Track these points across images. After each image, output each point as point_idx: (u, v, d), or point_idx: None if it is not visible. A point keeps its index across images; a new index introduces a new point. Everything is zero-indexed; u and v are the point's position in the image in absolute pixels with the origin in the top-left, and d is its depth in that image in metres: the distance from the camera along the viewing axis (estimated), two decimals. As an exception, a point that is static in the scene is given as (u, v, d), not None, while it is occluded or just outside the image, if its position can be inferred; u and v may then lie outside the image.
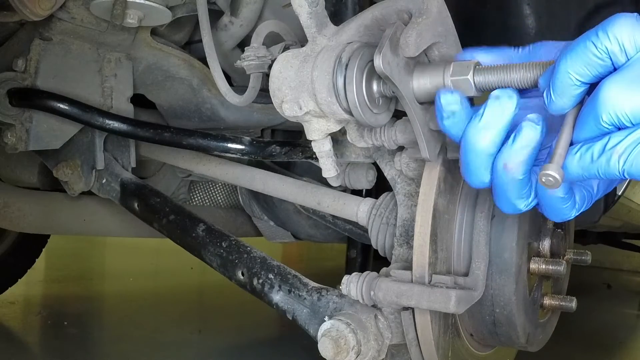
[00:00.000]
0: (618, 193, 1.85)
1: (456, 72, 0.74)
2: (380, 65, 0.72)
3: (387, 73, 0.73)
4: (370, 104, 0.78)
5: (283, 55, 0.82)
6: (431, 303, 0.88)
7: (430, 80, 0.75)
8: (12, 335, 2.41)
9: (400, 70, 0.75)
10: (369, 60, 0.78)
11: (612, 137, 0.62)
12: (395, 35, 0.75)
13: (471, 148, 0.69)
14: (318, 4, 0.80)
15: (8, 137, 1.36)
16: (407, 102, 0.76)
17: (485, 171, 0.70)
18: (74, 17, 1.28)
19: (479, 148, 0.69)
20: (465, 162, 0.71)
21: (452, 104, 0.70)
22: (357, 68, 0.77)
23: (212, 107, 1.47)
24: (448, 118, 0.71)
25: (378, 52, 0.72)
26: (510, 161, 0.68)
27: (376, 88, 0.79)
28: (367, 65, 0.78)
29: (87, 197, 1.64)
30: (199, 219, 1.30)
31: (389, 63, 0.73)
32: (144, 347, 2.21)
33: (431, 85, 0.75)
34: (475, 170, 0.70)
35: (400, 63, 0.75)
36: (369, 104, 0.78)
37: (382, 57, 0.72)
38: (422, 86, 0.76)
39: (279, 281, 1.13)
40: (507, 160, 0.68)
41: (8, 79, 1.32)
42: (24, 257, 2.48)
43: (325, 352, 0.95)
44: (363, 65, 0.78)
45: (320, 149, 0.84)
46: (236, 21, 1.34)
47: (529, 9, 1.60)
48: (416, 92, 0.77)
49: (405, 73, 0.76)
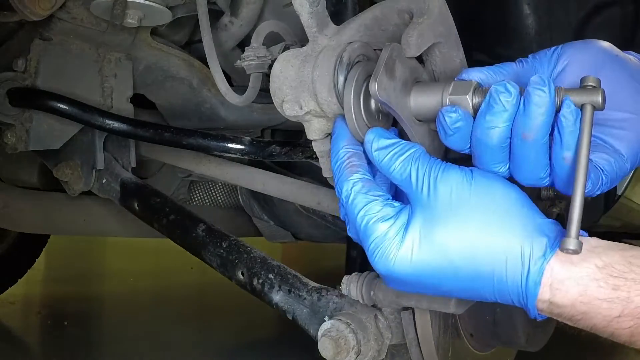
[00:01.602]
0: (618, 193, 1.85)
1: (456, 91, 0.71)
2: (376, 93, 0.70)
3: (384, 99, 0.71)
4: (370, 122, 0.76)
5: (284, 55, 0.82)
6: (431, 303, 0.88)
7: (430, 100, 0.74)
8: (12, 335, 2.41)
9: (397, 94, 0.73)
10: (366, 77, 0.76)
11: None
12: (391, 58, 0.73)
13: (484, 149, 0.69)
14: (319, 4, 0.80)
15: (8, 137, 1.36)
16: (406, 122, 0.74)
17: (502, 161, 0.70)
18: (74, 17, 1.28)
19: (492, 145, 0.69)
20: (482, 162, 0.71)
21: (457, 122, 0.70)
22: (353, 93, 0.74)
23: (212, 107, 1.47)
24: (453, 134, 0.70)
25: (374, 79, 0.70)
26: (527, 129, 0.67)
27: (374, 107, 0.77)
28: (363, 85, 0.76)
29: (87, 197, 1.64)
30: (199, 219, 1.30)
31: (385, 89, 0.71)
32: (144, 347, 2.21)
33: (431, 104, 0.74)
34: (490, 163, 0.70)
35: (397, 86, 0.73)
36: (368, 124, 0.76)
37: (378, 84, 0.70)
38: (421, 105, 0.74)
39: (279, 281, 1.13)
40: (524, 129, 0.67)
41: (8, 79, 1.32)
42: (24, 257, 2.48)
43: (325, 352, 0.95)
44: (359, 89, 0.75)
45: (320, 148, 0.84)
46: (236, 21, 1.34)
47: (529, 9, 1.60)
48: (414, 111, 0.75)
49: (403, 95, 0.74)
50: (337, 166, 0.75)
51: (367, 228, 0.70)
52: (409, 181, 0.70)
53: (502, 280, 0.66)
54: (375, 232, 0.69)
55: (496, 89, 0.67)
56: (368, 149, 0.73)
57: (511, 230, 0.66)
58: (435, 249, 0.67)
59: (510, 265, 0.66)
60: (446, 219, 0.67)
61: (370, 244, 0.70)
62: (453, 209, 0.67)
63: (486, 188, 0.68)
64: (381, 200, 0.71)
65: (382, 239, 0.69)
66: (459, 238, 0.67)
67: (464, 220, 0.67)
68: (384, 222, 0.69)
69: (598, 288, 0.63)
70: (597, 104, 0.66)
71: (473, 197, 0.68)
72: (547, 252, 0.65)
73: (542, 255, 0.65)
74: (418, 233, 0.68)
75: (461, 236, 0.67)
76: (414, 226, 0.68)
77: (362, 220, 0.70)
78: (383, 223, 0.69)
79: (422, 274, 0.68)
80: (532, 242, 0.65)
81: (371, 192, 0.72)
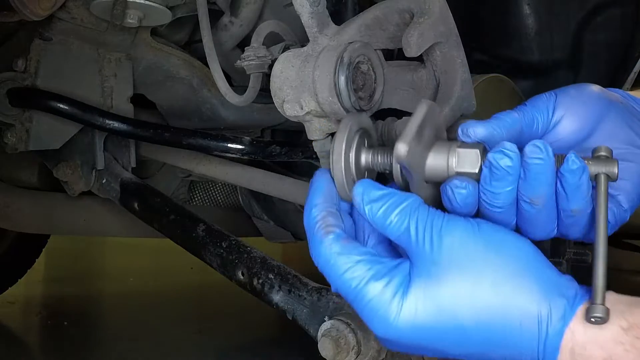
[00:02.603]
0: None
1: (464, 162, 0.67)
2: (403, 158, 0.62)
3: (407, 164, 0.64)
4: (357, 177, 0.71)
5: (284, 55, 0.82)
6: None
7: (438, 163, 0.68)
8: (12, 335, 2.41)
9: (417, 156, 0.66)
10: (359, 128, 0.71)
11: None
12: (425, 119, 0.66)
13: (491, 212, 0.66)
14: (320, 4, 0.80)
15: (8, 137, 1.36)
16: (416, 184, 0.68)
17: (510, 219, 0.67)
18: (74, 17, 1.28)
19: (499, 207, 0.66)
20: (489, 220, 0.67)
21: (466, 198, 0.65)
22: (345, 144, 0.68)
23: (212, 107, 1.47)
24: (461, 208, 0.66)
25: (404, 142, 0.62)
26: (534, 195, 0.65)
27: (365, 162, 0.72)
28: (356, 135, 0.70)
29: (87, 197, 1.64)
30: (199, 219, 1.30)
31: (412, 152, 0.63)
32: (144, 347, 2.21)
33: (438, 169, 0.68)
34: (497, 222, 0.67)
35: (419, 148, 0.66)
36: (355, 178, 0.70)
37: (408, 148, 0.62)
38: (431, 169, 0.68)
39: (279, 281, 1.13)
40: (531, 195, 0.65)
41: (8, 79, 1.32)
42: (24, 257, 2.48)
43: (325, 352, 0.95)
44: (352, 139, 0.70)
45: (321, 149, 0.84)
46: (236, 21, 1.34)
47: (529, 8, 1.60)
48: (426, 175, 0.69)
49: (421, 157, 0.68)
50: (310, 228, 0.68)
51: (358, 292, 0.63)
52: (407, 235, 0.63)
53: (517, 344, 0.61)
54: (368, 294, 0.62)
55: (494, 156, 0.64)
56: (358, 202, 0.65)
57: (526, 290, 0.61)
58: (443, 311, 0.61)
59: (525, 328, 0.60)
60: (453, 277, 0.61)
61: (364, 308, 0.63)
62: (460, 266, 0.61)
63: (496, 242, 0.63)
64: (367, 258, 0.64)
65: (379, 300, 0.62)
66: (469, 299, 0.61)
67: (474, 278, 0.61)
68: (377, 281, 0.62)
69: (625, 352, 0.58)
70: (613, 175, 0.64)
71: (482, 252, 0.62)
72: (566, 314, 0.60)
73: (561, 317, 0.60)
74: (422, 292, 0.62)
75: (472, 297, 0.61)
76: (416, 284, 0.62)
77: (350, 284, 0.63)
78: (376, 283, 0.62)
79: (427, 337, 0.62)
80: (550, 303, 0.60)
81: (353, 252, 0.64)
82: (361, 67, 0.79)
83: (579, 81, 1.61)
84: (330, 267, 0.65)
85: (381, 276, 0.63)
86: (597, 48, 1.59)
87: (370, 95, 0.80)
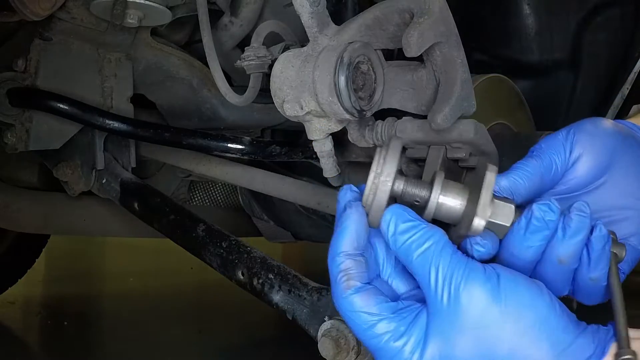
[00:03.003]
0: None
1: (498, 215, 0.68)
2: (480, 229, 0.66)
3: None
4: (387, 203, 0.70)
5: (284, 55, 0.82)
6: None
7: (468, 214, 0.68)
8: (12, 335, 2.41)
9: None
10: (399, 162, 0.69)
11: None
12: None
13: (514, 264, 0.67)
14: (320, 4, 0.80)
15: (8, 137, 1.36)
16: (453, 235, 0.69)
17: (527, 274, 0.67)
18: (74, 17, 1.28)
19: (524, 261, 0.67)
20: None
21: (484, 256, 0.67)
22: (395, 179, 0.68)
23: (212, 107, 1.47)
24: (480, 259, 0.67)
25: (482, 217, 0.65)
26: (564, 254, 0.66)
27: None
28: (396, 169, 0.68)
29: (87, 197, 1.64)
30: (199, 219, 1.30)
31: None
32: (144, 347, 2.21)
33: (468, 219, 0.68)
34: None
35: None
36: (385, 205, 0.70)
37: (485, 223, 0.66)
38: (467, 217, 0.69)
39: (279, 281, 1.13)
40: (561, 254, 0.66)
41: (8, 79, 1.32)
42: (24, 257, 2.48)
43: (325, 352, 0.95)
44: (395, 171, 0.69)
45: (321, 149, 0.84)
46: (236, 21, 1.34)
47: (529, 8, 1.60)
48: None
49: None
50: (333, 276, 0.69)
51: (379, 349, 0.65)
52: (427, 281, 0.64)
53: None
54: (388, 354, 0.65)
55: (539, 207, 0.65)
56: (384, 230, 0.66)
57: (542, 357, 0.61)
58: None
59: None
60: (467, 343, 0.62)
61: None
62: (477, 327, 0.62)
63: (514, 304, 0.62)
64: (387, 318, 0.65)
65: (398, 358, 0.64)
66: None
67: (490, 343, 0.62)
68: (397, 341, 0.64)
69: None
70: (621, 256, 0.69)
71: (499, 319, 0.62)
72: None
73: None
74: (438, 351, 0.63)
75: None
76: (432, 343, 0.63)
77: (370, 342, 0.66)
78: (396, 342, 0.64)
79: None
80: None
81: (373, 307, 0.66)
82: (361, 67, 0.79)
83: (579, 81, 1.61)
84: (352, 321, 0.67)
85: (399, 335, 0.64)
86: (597, 48, 1.59)
87: (370, 95, 0.81)
